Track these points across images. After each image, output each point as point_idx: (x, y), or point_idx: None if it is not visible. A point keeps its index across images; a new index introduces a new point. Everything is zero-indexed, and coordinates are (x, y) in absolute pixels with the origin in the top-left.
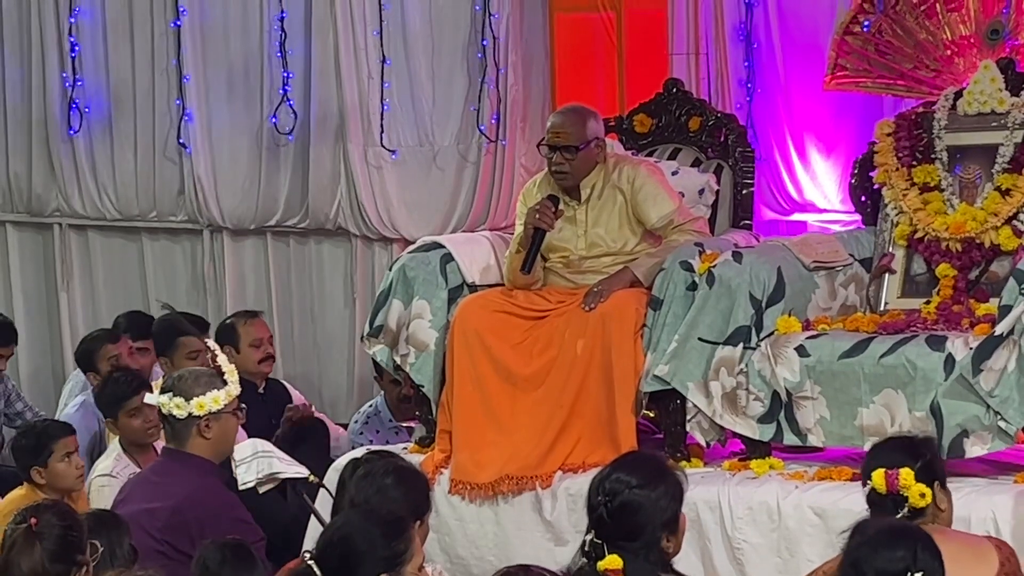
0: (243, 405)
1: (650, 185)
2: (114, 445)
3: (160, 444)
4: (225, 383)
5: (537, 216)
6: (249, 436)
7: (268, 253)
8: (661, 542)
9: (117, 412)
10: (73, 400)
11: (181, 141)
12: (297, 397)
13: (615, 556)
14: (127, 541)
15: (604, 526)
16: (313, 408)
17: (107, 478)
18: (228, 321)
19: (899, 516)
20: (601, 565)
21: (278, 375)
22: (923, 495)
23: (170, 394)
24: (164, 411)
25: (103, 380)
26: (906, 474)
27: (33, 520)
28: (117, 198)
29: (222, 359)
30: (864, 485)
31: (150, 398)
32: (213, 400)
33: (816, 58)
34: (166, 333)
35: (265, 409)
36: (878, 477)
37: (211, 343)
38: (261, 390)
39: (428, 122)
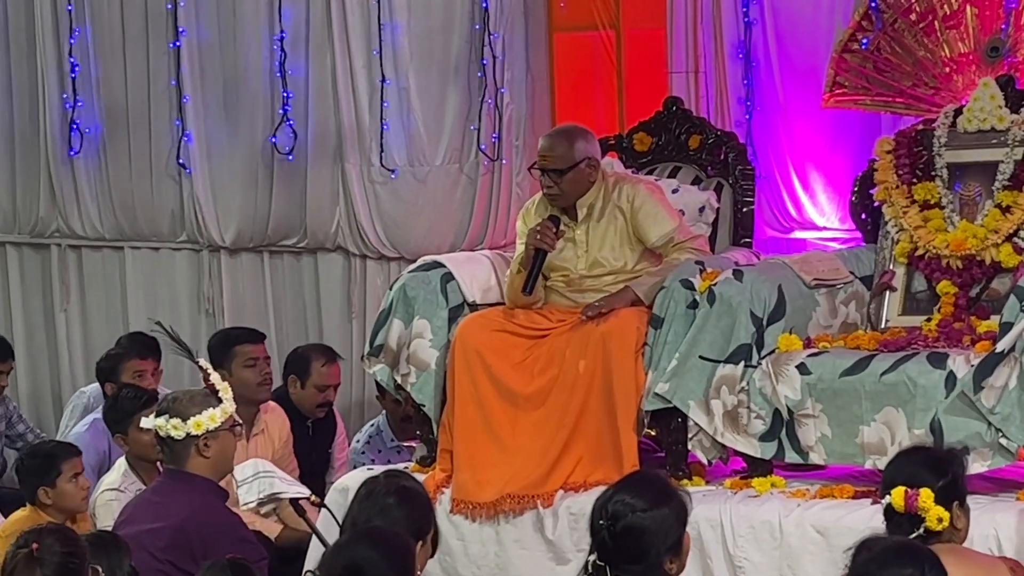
0: (240, 423)
1: (650, 204)
2: (121, 460)
3: None
4: (220, 401)
5: (538, 237)
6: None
7: (267, 272)
8: (664, 565)
9: (127, 427)
10: (77, 419)
11: (181, 161)
12: (340, 431)
13: None
14: (127, 563)
15: (606, 549)
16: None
17: (115, 492)
18: (303, 353)
19: (914, 535)
20: None
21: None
22: (940, 519)
23: (166, 416)
24: (162, 433)
25: (112, 396)
26: (925, 495)
27: (35, 546)
28: (116, 218)
29: (215, 377)
30: (882, 496)
31: (146, 422)
32: (210, 419)
33: (815, 76)
34: (220, 345)
35: (312, 443)
36: (897, 495)
37: (203, 362)
38: (309, 424)
39: (426, 141)
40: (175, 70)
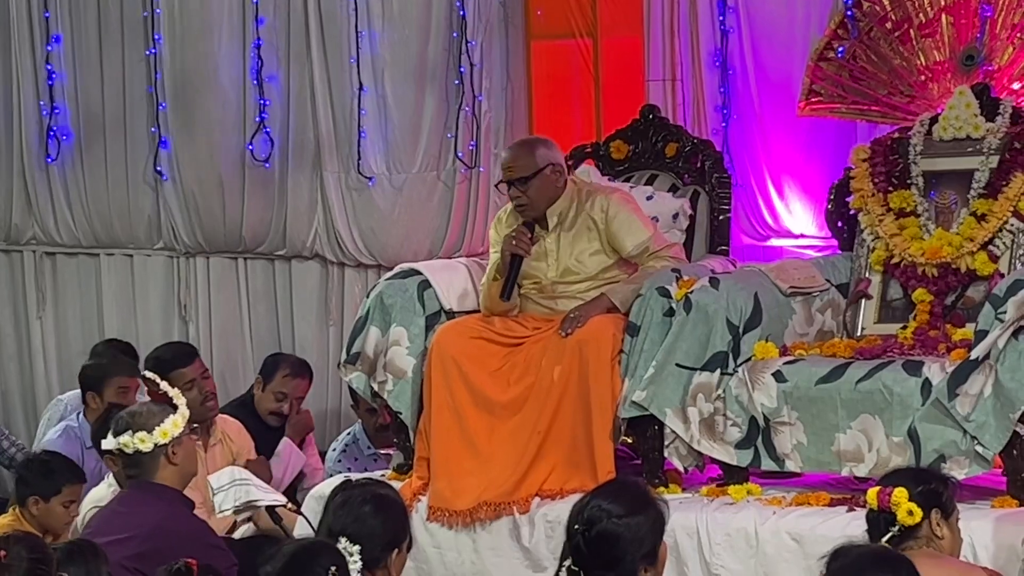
0: (196, 424)
1: (623, 214)
2: (110, 477)
3: None
4: (176, 407)
5: (514, 242)
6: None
7: (245, 279)
8: (638, 573)
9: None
10: (54, 425)
11: (158, 168)
12: (308, 439)
13: None
14: (105, 570)
15: (581, 555)
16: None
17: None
18: (276, 358)
19: (889, 535)
20: None
21: None
22: (911, 513)
23: (129, 432)
24: (129, 450)
25: (101, 416)
26: (899, 493)
27: (2, 553)
28: (92, 225)
29: (164, 386)
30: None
31: (107, 443)
32: (173, 425)
33: (791, 84)
34: (155, 372)
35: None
36: (872, 494)
37: (149, 374)
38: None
39: (404, 148)
40: (152, 77)
